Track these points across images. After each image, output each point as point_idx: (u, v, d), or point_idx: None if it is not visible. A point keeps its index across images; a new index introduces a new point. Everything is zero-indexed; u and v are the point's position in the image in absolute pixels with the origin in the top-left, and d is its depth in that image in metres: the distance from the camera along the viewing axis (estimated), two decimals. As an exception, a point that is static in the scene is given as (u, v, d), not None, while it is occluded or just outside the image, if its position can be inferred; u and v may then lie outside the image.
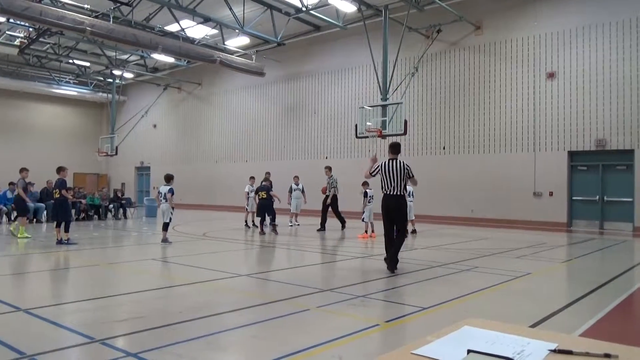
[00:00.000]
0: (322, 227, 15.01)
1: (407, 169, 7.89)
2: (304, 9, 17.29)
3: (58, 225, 11.42)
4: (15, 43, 21.26)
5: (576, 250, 11.62)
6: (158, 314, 5.33)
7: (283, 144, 24.03)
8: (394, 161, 7.89)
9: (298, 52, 23.19)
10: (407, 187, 13.88)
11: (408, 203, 13.92)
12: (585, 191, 16.07)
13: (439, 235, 14.38)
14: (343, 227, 15.36)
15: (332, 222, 15.61)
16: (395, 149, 8.12)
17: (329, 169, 15.70)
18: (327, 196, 15.30)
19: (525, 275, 7.69)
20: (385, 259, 7.96)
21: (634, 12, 15.03)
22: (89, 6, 17.73)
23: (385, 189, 7.89)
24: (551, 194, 16.34)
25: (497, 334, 1.48)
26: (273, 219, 14.26)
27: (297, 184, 16.43)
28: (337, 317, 5.22)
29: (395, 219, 7.88)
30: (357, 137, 17.42)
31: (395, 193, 7.81)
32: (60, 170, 11.75)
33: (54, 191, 11.82)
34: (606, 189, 15.78)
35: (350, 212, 17.20)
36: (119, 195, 20.57)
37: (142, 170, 32.03)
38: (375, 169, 7.97)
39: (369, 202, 13.13)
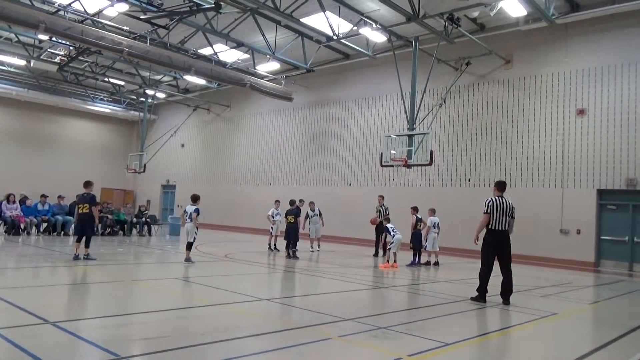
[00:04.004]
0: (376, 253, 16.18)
1: (512, 208, 8.30)
2: (335, 37, 17.59)
3: (79, 240, 11.15)
4: (56, 60, 22.07)
5: (604, 292, 11.30)
6: (181, 335, 5.37)
7: (307, 169, 24.17)
8: (502, 198, 8.32)
9: (326, 79, 23.50)
10: (432, 218, 13.93)
11: (432, 234, 13.93)
12: (615, 231, 15.68)
13: (463, 268, 14.17)
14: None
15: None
16: (502, 186, 8.54)
17: (381, 197, 16.40)
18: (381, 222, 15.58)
19: (551, 316, 7.50)
20: (477, 289, 8.29)
21: (668, 52, 14.87)
22: (127, 28, 18.35)
23: (493, 225, 8.21)
24: (579, 232, 15.99)
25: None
26: (294, 244, 14.35)
27: (313, 210, 16.46)
28: (359, 348, 5.18)
29: (504, 253, 8.25)
30: (382, 165, 17.42)
31: (503, 228, 8.20)
32: (87, 184, 11.57)
33: (82, 205, 11.36)
34: (636, 229, 15.37)
35: (374, 240, 17.15)
36: (142, 210, 20.83)
37: (168, 189, 32.50)
38: (488, 206, 8.28)
39: (395, 232, 13.03)
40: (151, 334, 5.36)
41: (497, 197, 8.33)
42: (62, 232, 17.79)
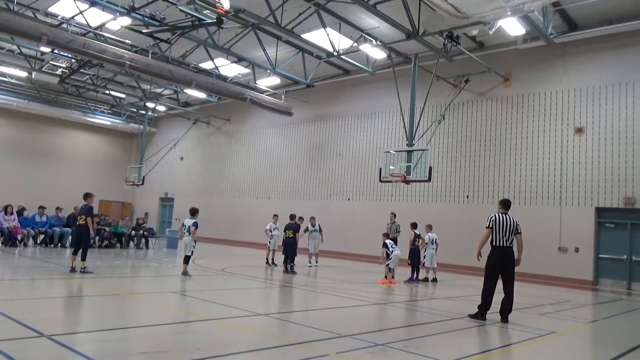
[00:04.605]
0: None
1: (517, 225, 8.31)
2: (335, 53, 17.73)
3: (75, 253, 11.11)
4: (57, 72, 22.17)
5: (603, 311, 11.25)
6: (177, 349, 5.33)
7: (306, 184, 24.18)
8: (506, 215, 8.34)
9: (326, 94, 23.63)
10: (429, 234, 13.91)
11: (430, 251, 13.90)
12: (613, 249, 15.66)
13: (460, 285, 14.12)
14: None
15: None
16: (507, 204, 8.57)
17: (393, 214, 16.00)
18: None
19: (550, 334, 7.46)
20: (478, 307, 8.22)
21: (665, 72, 15.01)
22: (129, 41, 18.49)
23: (496, 242, 8.22)
24: (577, 250, 15.97)
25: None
26: (292, 259, 14.29)
27: (313, 225, 16.45)
28: (356, 365, 5.14)
29: (507, 271, 8.24)
30: (380, 181, 17.44)
31: (506, 245, 8.18)
32: (87, 196, 11.58)
33: (79, 217, 11.41)
34: (635, 248, 15.35)
35: (371, 256, 17.11)
36: (140, 223, 20.75)
37: (166, 201, 32.46)
38: (490, 221, 8.32)
39: (393, 248, 12.98)
40: (147, 348, 5.32)
41: (500, 214, 8.34)
42: (60, 244, 17.70)
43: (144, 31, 16.32)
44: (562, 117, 16.81)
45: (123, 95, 28.21)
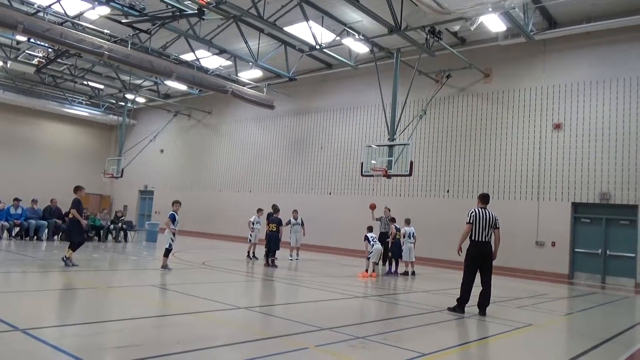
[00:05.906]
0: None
1: (496, 219, 8.34)
2: (317, 47, 17.67)
3: (70, 246, 11.13)
4: (33, 62, 21.66)
5: (578, 304, 11.48)
6: (155, 343, 5.28)
7: (288, 177, 24.12)
8: (485, 210, 8.38)
9: (308, 87, 23.57)
10: (406, 228, 13.98)
11: (408, 245, 13.98)
12: (588, 244, 15.99)
13: (439, 279, 14.27)
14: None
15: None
16: (486, 199, 8.61)
17: (388, 209, 15.56)
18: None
19: (527, 327, 7.59)
20: (457, 300, 8.29)
21: (641, 70, 15.32)
22: (108, 31, 18.15)
23: (475, 237, 8.28)
24: (553, 244, 16.26)
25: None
26: (274, 253, 14.22)
27: (295, 219, 16.40)
28: (336, 358, 5.15)
29: (486, 265, 8.35)
30: (362, 175, 17.49)
31: (485, 240, 8.27)
32: (75, 189, 11.59)
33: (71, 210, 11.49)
34: (609, 242, 15.70)
35: (352, 250, 17.16)
36: (119, 216, 20.46)
37: (146, 194, 32.07)
38: (470, 216, 8.32)
39: (375, 242, 13.03)
40: (124, 342, 5.25)
41: (480, 209, 8.38)
42: (35, 237, 17.39)
43: (123, 21, 16.05)
44: (541, 113, 17.05)
45: (102, 86, 27.71)
